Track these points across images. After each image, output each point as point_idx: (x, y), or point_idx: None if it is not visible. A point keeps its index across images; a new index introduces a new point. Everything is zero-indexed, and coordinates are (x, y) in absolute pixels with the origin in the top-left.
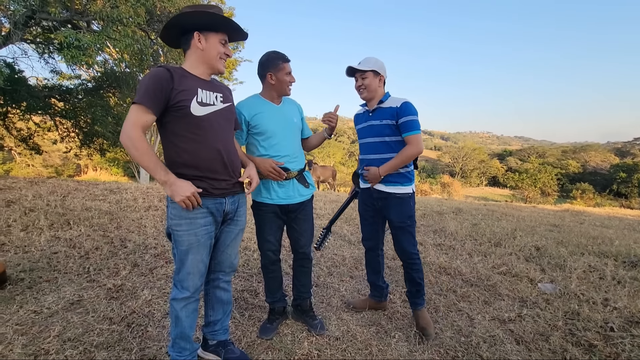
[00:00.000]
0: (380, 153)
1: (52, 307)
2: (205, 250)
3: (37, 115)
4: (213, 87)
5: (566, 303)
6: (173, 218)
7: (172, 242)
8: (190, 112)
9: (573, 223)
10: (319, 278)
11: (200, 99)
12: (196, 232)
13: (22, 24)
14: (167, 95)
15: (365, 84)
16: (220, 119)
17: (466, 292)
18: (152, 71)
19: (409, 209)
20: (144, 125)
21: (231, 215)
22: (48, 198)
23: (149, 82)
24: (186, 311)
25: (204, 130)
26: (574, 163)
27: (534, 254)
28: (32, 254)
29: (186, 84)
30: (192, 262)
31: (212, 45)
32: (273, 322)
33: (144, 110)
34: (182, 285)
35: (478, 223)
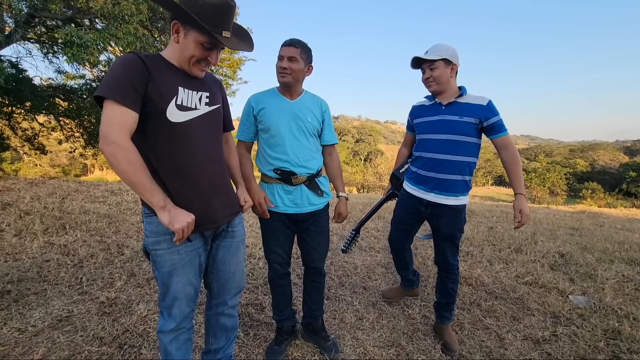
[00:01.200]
0: (454, 154)
1: (38, 324)
2: (192, 270)
3: (41, 115)
4: (198, 84)
5: (604, 319)
6: (150, 235)
7: (151, 262)
8: (165, 117)
9: (593, 226)
10: (330, 290)
11: (180, 101)
12: (179, 249)
13: (23, 22)
14: (142, 91)
15: (435, 76)
16: (205, 125)
17: (492, 306)
18: (122, 58)
19: (461, 220)
20: (131, 129)
21: (224, 227)
22: (46, 200)
23: (122, 72)
24: (176, 343)
25: (182, 141)
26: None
27: (559, 262)
28: (23, 262)
29: (164, 78)
30: (178, 286)
31: (187, 44)
32: (281, 344)
33: (126, 111)
34: (169, 313)
35: (494, 226)
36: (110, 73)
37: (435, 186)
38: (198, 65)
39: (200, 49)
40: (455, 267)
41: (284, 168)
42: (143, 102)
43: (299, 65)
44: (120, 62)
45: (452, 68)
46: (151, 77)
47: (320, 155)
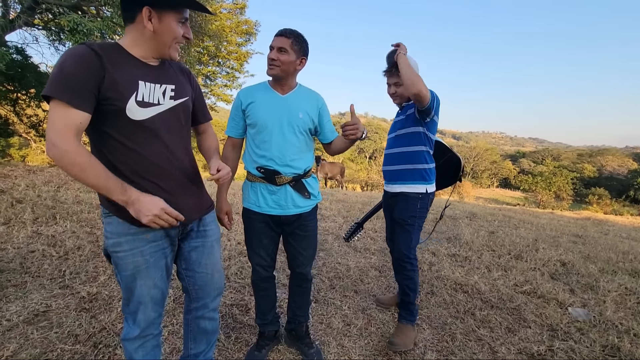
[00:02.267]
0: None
1: (13, 318)
2: (158, 272)
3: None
4: (162, 76)
5: (603, 334)
6: (110, 236)
7: (112, 265)
8: (125, 115)
9: (597, 234)
10: (319, 292)
11: (140, 97)
12: (142, 250)
13: (26, 8)
14: (96, 88)
15: (399, 92)
16: (170, 121)
17: (486, 316)
18: (72, 51)
19: (413, 207)
20: (77, 130)
21: (194, 226)
22: (41, 188)
23: (71, 68)
24: (143, 351)
25: (144, 138)
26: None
27: (560, 271)
28: (7, 252)
29: (122, 73)
30: (143, 290)
31: (168, 27)
32: (262, 349)
33: (71, 109)
34: (133, 319)
35: (495, 231)
36: (57, 69)
37: (390, 177)
38: (175, 47)
39: (178, 27)
40: (406, 258)
41: (268, 166)
42: (99, 100)
43: (289, 57)
44: (69, 56)
45: None
46: (106, 71)
47: (311, 155)
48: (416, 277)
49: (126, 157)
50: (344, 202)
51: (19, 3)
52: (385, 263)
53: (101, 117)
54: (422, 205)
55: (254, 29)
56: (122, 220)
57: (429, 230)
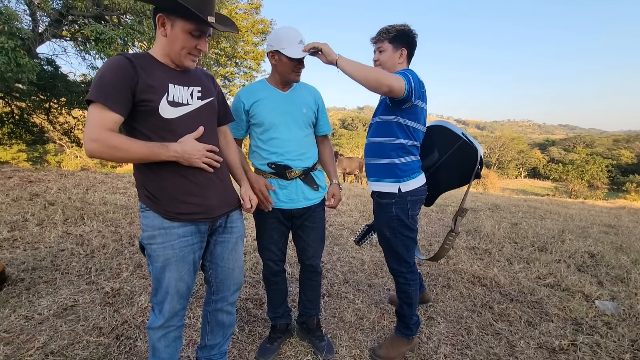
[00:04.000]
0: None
1: (44, 312)
2: (186, 266)
3: (76, 110)
4: (188, 79)
5: (632, 329)
6: (145, 229)
7: (146, 257)
8: (158, 114)
9: (632, 223)
10: (333, 286)
11: (171, 98)
12: (173, 244)
13: (54, 21)
14: (132, 92)
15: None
16: (199, 119)
17: (505, 310)
18: (109, 61)
19: (387, 216)
20: (111, 128)
21: (221, 223)
22: (71, 191)
23: (108, 76)
24: (165, 341)
25: (175, 136)
26: (627, 153)
27: (588, 263)
28: (39, 251)
29: (153, 76)
30: (170, 281)
31: (178, 36)
32: (274, 342)
33: (107, 112)
34: (159, 309)
35: (518, 222)
36: (97, 77)
37: (368, 172)
38: (189, 56)
39: (190, 38)
40: (398, 273)
41: (279, 162)
42: (134, 103)
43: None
44: (107, 65)
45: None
46: (139, 77)
47: (316, 148)
48: (411, 290)
49: None
50: (361, 197)
51: (46, 16)
52: None
53: (137, 118)
54: (398, 211)
55: (269, 27)
56: (157, 215)
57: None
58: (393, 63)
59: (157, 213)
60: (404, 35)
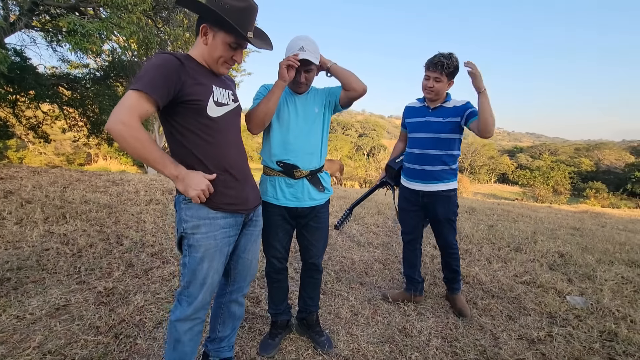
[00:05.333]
0: (437, 149)
1: (36, 312)
2: (222, 258)
3: (45, 104)
4: (223, 82)
5: (600, 321)
6: (189, 220)
7: (183, 251)
8: (205, 112)
9: (594, 226)
10: (326, 285)
11: (216, 98)
12: (215, 235)
13: (26, 11)
14: (178, 88)
15: (437, 88)
16: (234, 119)
17: (488, 305)
18: (160, 57)
19: (454, 204)
20: (142, 115)
21: (252, 216)
22: (48, 189)
23: (155, 69)
24: (191, 334)
25: (220, 133)
26: (587, 161)
27: (559, 262)
28: (23, 251)
29: (201, 78)
30: (208, 272)
31: (218, 46)
32: (275, 337)
33: (145, 98)
34: (189, 302)
35: (494, 225)
36: (145, 70)
37: (425, 177)
38: (225, 65)
39: (228, 49)
40: (455, 245)
41: (287, 161)
42: (182, 100)
43: (313, 73)
44: (156, 60)
45: (450, 83)
46: (189, 77)
47: (325, 151)
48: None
49: (207, 150)
50: (345, 199)
51: (17, 5)
52: (388, 256)
53: (185, 115)
54: (456, 200)
55: None
56: (202, 205)
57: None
58: (444, 91)
59: (203, 203)
60: (456, 70)
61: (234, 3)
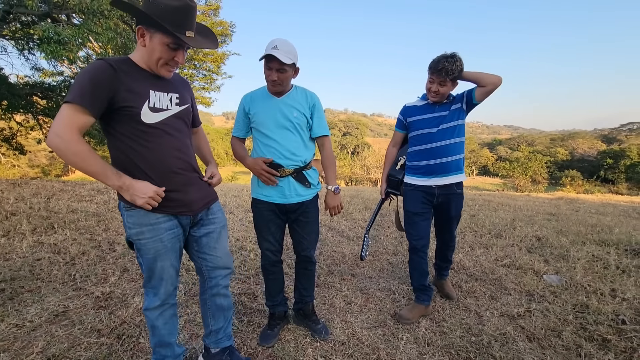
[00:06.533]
0: (450, 138)
1: (35, 319)
2: (174, 253)
3: (19, 114)
4: (167, 86)
5: (574, 295)
6: (132, 227)
7: (134, 250)
8: (140, 119)
9: (569, 211)
10: (320, 277)
11: (152, 103)
12: (161, 237)
13: None
14: (110, 96)
15: (442, 92)
16: (176, 124)
17: (472, 287)
18: (91, 65)
19: (463, 200)
20: (80, 126)
21: (202, 216)
22: (31, 200)
23: (86, 79)
24: (163, 319)
25: (156, 139)
26: (563, 150)
27: (536, 245)
28: (14, 262)
29: (135, 83)
30: (162, 268)
31: (156, 47)
32: (274, 328)
33: (80, 110)
34: (154, 292)
35: (476, 214)
36: (76, 79)
37: (443, 170)
38: (166, 67)
39: (167, 50)
40: (455, 238)
41: (272, 161)
42: (116, 108)
43: (287, 74)
44: (87, 69)
45: (454, 84)
46: (122, 83)
47: (310, 149)
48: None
49: (142, 156)
50: None
51: None
52: (377, 249)
53: (120, 121)
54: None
55: (229, 30)
56: (144, 212)
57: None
58: (448, 92)
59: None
60: (460, 74)
61: (168, 2)
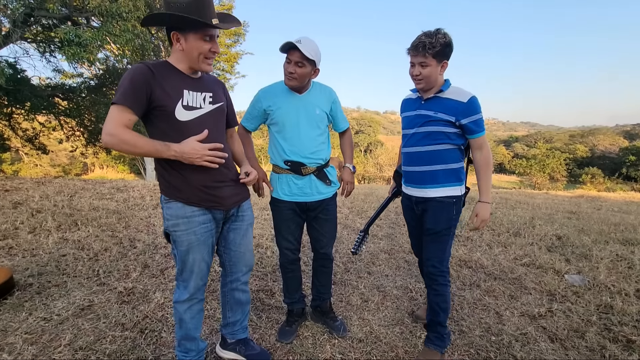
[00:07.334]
0: (430, 145)
1: (62, 313)
2: (206, 248)
3: (41, 115)
4: (201, 86)
5: (597, 296)
6: (169, 218)
7: (170, 243)
8: (174, 117)
9: (590, 209)
10: (336, 275)
11: (186, 102)
12: (195, 230)
13: (21, 22)
14: (148, 96)
15: (425, 74)
16: (210, 121)
17: (490, 287)
18: (132, 68)
19: (448, 215)
20: (126, 123)
21: (234, 212)
22: (55, 198)
23: (128, 81)
24: (190, 313)
25: (191, 136)
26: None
27: (556, 244)
28: (40, 257)
29: (170, 84)
30: (194, 262)
31: (193, 45)
32: (292, 325)
33: (124, 110)
34: (185, 286)
35: (493, 212)
36: (120, 83)
37: (419, 180)
38: (206, 61)
39: (203, 44)
40: (437, 272)
41: (294, 160)
42: (152, 107)
43: (306, 69)
44: (129, 72)
45: (442, 65)
46: (158, 83)
47: (329, 146)
48: (448, 293)
49: None
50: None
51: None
52: (393, 246)
53: (156, 120)
54: (457, 211)
55: (242, 29)
56: (181, 205)
57: None
58: (435, 77)
59: (180, 201)
60: (447, 48)
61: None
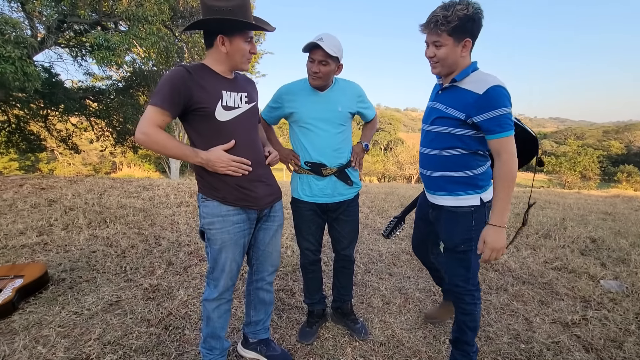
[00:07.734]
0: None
1: (92, 308)
2: (238, 249)
3: (74, 116)
4: (238, 86)
5: (636, 303)
6: (206, 217)
7: (205, 241)
8: (214, 117)
9: (627, 210)
10: (357, 276)
11: (225, 103)
12: (229, 229)
13: (54, 29)
14: (187, 98)
15: (441, 56)
16: (246, 121)
17: (519, 291)
18: (171, 71)
19: (464, 227)
20: (159, 124)
21: (266, 212)
22: (86, 196)
23: (166, 84)
24: (218, 312)
25: (230, 136)
26: (617, 144)
27: (590, 247)
28: (72, 253)
29: (209, 85)
30: (225, 261)
31: (237, 47)
32: (312, 326)
33: (160, 111)
34: (215, 284)
35: (521, 212)
36: (159, 84)
37: (430, 184)
38: (248, 61)
39: (246, 45)
40: (463, 291)
41: (315, 160)
42: (193, 109)
43: (330, 67)
44: (168, 74)
45: (464, 45)
46: (198, 85)
47: (350, 145)
48: (477, 312)
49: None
50: (367, 193)
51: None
52: None
53: (198, 121)
54: (477, 221)
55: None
56: (217, 203)
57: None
58: (455, 59)
59: (216, 199)
60: (468, 22)
61: (231, 3)
